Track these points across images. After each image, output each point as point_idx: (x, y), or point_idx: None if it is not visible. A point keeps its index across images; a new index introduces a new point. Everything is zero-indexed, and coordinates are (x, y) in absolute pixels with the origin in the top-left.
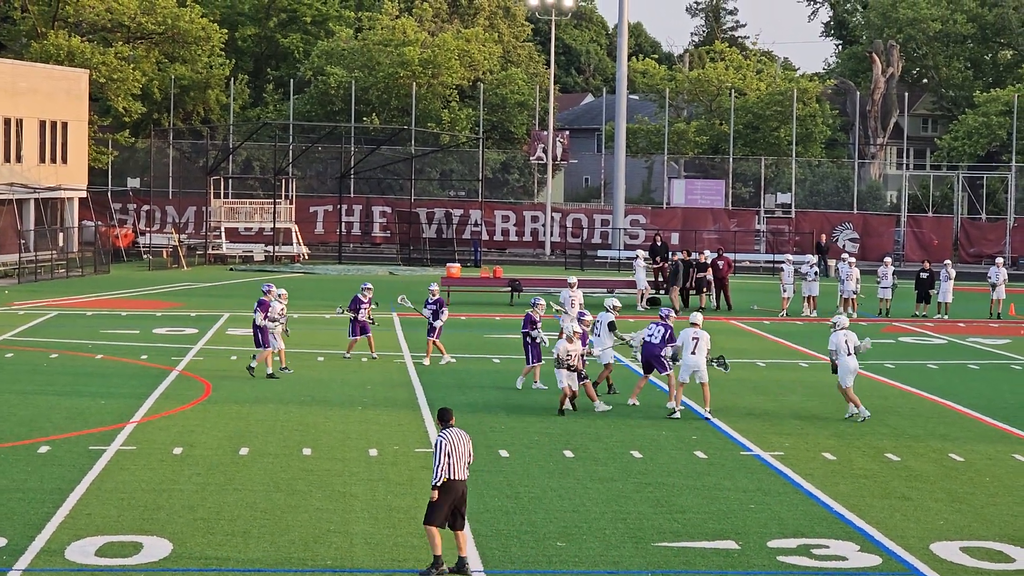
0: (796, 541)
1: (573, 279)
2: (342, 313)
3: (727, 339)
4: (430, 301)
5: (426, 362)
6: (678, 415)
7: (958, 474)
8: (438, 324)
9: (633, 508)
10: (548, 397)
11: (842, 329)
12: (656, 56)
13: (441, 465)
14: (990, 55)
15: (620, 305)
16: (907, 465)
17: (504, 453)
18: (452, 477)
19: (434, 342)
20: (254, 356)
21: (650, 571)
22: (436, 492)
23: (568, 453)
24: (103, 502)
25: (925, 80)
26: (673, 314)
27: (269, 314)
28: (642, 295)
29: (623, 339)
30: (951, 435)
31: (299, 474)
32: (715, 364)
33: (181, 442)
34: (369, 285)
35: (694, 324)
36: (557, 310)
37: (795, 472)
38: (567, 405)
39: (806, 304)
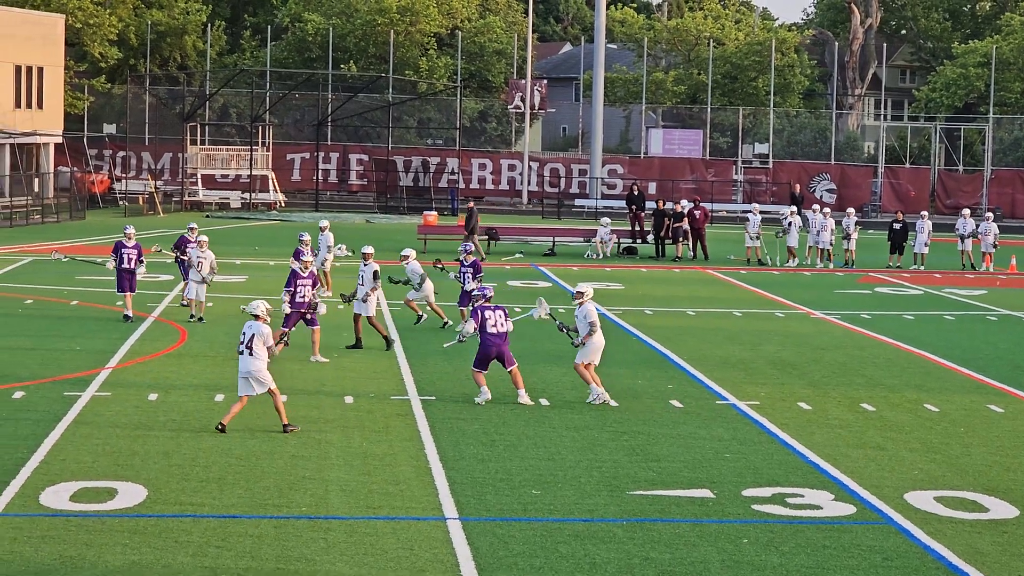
0: (771, 490)
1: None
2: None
3: (703, 288)
4: (465, 264)
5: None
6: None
7: (933, 424)
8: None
9: (608, 456)
10: (525, 343)
11: None
12: (635, 5)
13: None
14: (968, 6)
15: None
16: (882, 415)
17: (479, 401)
18: None
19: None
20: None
21: (625, 519)
22: None
23: (544, 401)
24: (78, 448)
25: (903, 31)
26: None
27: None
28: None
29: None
30: (926, 385)
31: (275, 421)
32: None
33: (156, 388)
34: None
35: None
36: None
37: (770, 421)
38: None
39: (790, 255)
